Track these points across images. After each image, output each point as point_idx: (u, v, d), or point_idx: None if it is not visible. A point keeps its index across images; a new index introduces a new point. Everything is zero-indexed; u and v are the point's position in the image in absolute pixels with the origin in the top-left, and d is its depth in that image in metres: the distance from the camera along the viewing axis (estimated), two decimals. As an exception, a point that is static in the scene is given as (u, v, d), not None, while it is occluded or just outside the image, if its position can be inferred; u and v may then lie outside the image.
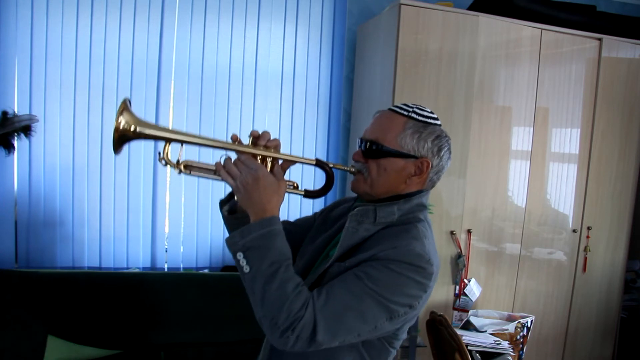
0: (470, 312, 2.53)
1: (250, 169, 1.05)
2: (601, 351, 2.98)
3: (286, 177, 1.15)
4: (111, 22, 2.43)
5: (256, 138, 1.13)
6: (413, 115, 1.14)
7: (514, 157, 2.63)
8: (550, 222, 2.75)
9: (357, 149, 1.17)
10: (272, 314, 0.96)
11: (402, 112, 1.14)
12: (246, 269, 0.99)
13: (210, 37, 2.59)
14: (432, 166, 1.15)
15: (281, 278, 0.97)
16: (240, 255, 1.00)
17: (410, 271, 1.01)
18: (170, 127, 1.18)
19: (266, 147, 1.12)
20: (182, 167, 1.15)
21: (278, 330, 0.96)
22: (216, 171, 1.12)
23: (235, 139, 1.15)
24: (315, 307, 0.96)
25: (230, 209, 1.25)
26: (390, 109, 1.16)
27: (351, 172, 1.16)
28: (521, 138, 2.63)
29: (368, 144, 1.12)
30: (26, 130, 2.05)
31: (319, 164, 1.17)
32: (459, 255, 2.53)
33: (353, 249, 1.09)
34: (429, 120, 1.16)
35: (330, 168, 1.18)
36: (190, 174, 1.16)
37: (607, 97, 2.75)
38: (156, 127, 1.15)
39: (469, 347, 2.16)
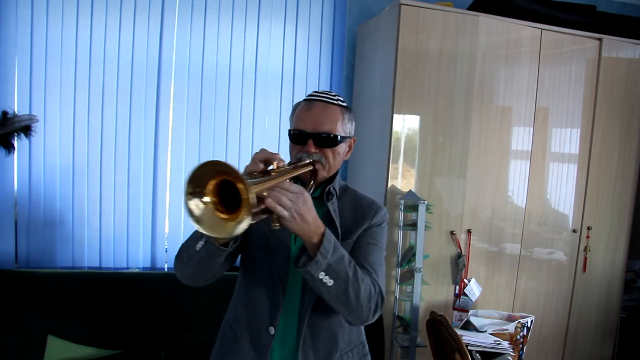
0: (470, 312, 2.53)
1: (296, 194, 1.03)
2: (601, 351, 2.98)
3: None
4: (111, 22, 2.43)
5: (273, 161, 1.08)
6: (340, 103, 1.29)
7: (514, 157, 2.63)
8: (550, 222, 2.75)
9: (309, 142, 1.24)
10: (366, 303, 1.15)
11: (334, 102, 1.28)
12: (329, 282, 1.09)
13: (210, 37, 2.59)
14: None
15: (360, 273, 1.15)
16: (322, 275, 1.08)
17: (387, 223, 1.35)
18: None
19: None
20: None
21: (371, 312, 1.18)
22: (268, 207, 1.00)
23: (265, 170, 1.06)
24: (375, 280, 1.20)
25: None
26: (322, 101, 1.27)
27: (313, 164, 1.24)
28: (521, 138, 2.63)
29: (324, 135, 1.24)
30: (26, 130, 2.05)
31: (313, 166, 1.24)
32: (459, 255, 2.53)
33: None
34: (347, 105, 1.33)
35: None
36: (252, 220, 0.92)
37: (607, 97, 2.75)
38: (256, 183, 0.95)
39: (469, 347, 2.16)
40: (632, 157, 2.85)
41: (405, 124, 2.41)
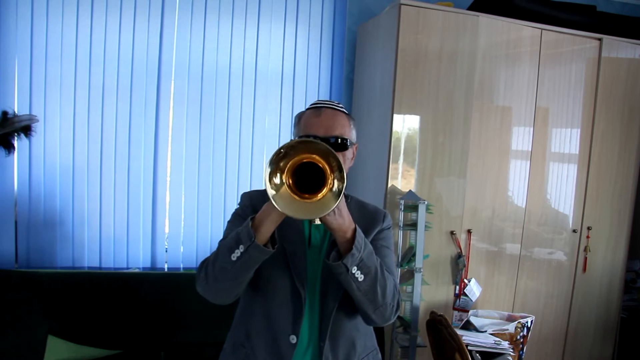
0: (470, 312, 2.53)
1: None
2: (601, 351, 2.98)
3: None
4: (111, 22, 2.43)
5: None
6: (345, 110, 1.33)
7: (514, 157, 2.63)
8: (550, 222, 2.75)
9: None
10: (390, 300, 1.18)
11: (342, 109, 1.32)
12: (361, 277, 1.13)
13: (210, 37, 2.59)
14: None
15: (385, 271, 1.19)
16: (355, 269, 1.11)
17: None
18: None
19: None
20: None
21: (394, 310, 1.22)
22: None
23: None
24: (394, 280, 1.22)
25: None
26: (330, 107, 1.30)
27: None
28: (521, 138, 2.63)
29: (338, 140, 1.26)
30: (26, 130, 2.05)
31: None
32: (459, 255, 2.53)
33: None
34: (349, 113, 1.36)
35: None
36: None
37: (607, 97, 2.75)
38: None
39: (469, 347, 2.16)
40: (632, 157, 2.85)
41: (405, 124, 2.41)
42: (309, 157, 1.00)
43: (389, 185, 2.40)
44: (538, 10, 2.65)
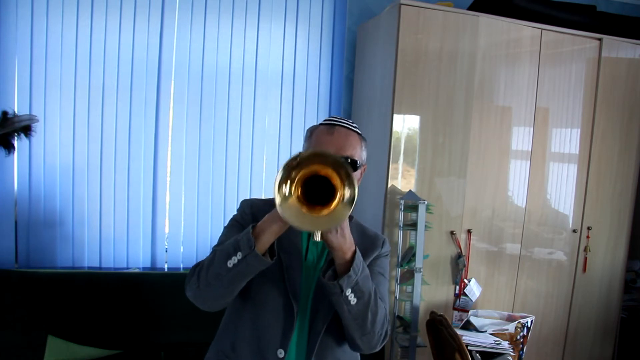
0: (470, 312, 2.53)
1: None
2: (601, 351, 2.98)
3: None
4: (111, 22, 2.43)
5: None
6: (359, 131, 1.31)
7: (514, 157, 2.63)
8: (550, 222, 2.75)
9: None
10: (378, 329, 1.16)
11: (355, 129, 1.29)
12: (353, 301, 1.10)
13: (210, 37, 2.59)
14: None
15: (378, 298, 1.16)
16: (349, 291, 1.09)
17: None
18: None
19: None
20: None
21: (380, 339, 1.19)
22: None
23: None
24: (386, 309, 1.20)
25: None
26: (344, 126, 1.28)
27: None
28: (521, 138, 2.63)
29: (348, 160, 1.24)
30: (26, 130, 2.05)
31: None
32: (459, 255, 2.53)
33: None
34: (363, 135, 1.33)
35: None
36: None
37: (607, 97, 2.75)
38: None
39: (469, 347, 2.16)
40: (632, 157, 2.85)
41: (405, 124, 2.41)
42: (321, 169, 0.99)
43: (389, 185, 2.40)
44: (538, 10, 2.65)
